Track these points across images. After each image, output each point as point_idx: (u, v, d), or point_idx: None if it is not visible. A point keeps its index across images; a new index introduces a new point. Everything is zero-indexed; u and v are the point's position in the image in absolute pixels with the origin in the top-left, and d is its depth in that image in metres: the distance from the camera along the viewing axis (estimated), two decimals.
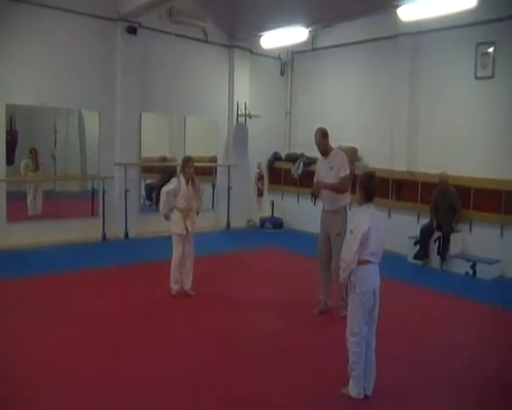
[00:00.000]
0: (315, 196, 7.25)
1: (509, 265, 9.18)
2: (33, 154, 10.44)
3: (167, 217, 7.31)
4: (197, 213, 7.56)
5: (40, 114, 10.53)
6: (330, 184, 6.66)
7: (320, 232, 7.05)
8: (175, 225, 7.30)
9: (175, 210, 7.30)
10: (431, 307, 7.53)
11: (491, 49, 9.73)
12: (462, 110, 10.21)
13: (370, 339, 4.70)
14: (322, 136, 6.77)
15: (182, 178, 7.31)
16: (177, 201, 7.29)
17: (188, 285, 7.42)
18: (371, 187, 4.77)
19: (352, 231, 4.66)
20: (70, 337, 5.80)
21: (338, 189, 6.64)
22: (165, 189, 7.33)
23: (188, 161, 7.40)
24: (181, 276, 7.39)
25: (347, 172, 6.65)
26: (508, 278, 9.15)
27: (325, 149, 6.81)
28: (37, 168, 10.51)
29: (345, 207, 6.78)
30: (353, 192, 7.13)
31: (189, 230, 7.33)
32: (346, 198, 6.80)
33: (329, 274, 6.77)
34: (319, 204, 7.29)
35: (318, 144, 6.81)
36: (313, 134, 6.80)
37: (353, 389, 4.65)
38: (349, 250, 4.61)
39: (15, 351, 5.38)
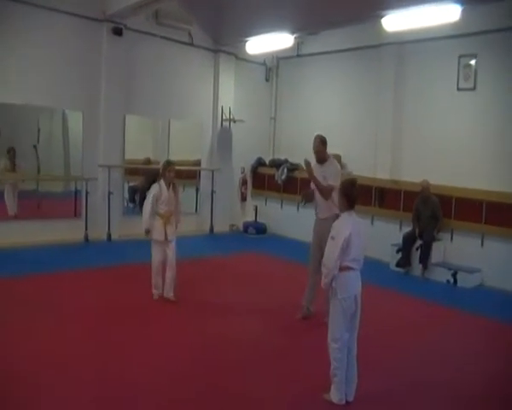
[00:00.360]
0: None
1: (489, 274, 9.29)
2: (11, 154, 10.32)
3: (148, 231, 7.16)
4: (176, 225, 7.40)
5: (23, 113, 10.42)
6: (318, 181, 6.62)
7: (313, 239, 6.94)
8: (154, 231, 7.20)
9: (156, 216, 7.19)
10: (412, 314, 7.60)
11: (473, 62, 9.87)
12: (445, 120, 10.34)
13: (352, 345, 4.73)
14: (321, 143, 6.82)
15: (162, 183, 7.21)
16: (158, 206, 7.18)
17: (170, 294, 7.28)
18: (353, 194, 4.83)
19: (333, 238, 4.69)
20: (51, 338, 5.77)
21: (321, 190, 6.62)
22: (148, 200, 7.17)
23: (168, 165, 7.31)
24: (162, 281, 7.31)
25: (337, 183, 6.30)
26: (487, 286, 9.26)
27: (322, 157, 6.83)
28: (13, 169, 10.37)
29: (337, 215, 6.67)
30: None
31: (169, 236, 7.23)
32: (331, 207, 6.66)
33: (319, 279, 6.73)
34: (302, 211, 7.31)
35: (316, 151, 6.82)
36: (297, 140, 6.85)
37: (335, 395, 4.67)
38: (330, 256, 4.63)
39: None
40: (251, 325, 6.69)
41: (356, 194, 4.84)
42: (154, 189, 7.20)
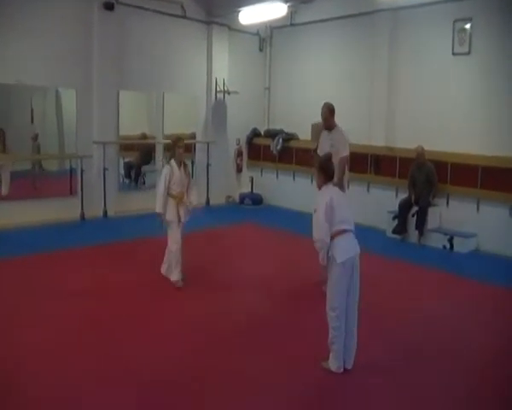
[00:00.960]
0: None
1: (485, 238, 9.37)
2: (0, 134, 10.19)
3: (160, 215, 6.77)
4: (191, 205, 6.99)
5: (16, 93, 10.36)
6: (338, 176, 6.57)
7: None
8: (168, 212, 6.81)
9: (168, 197, 6.79)
10: (409, 280, 7.69)
11: (467, 26, 9.79)
12: (441, 86, 10.30)
13: (351, 312, 4.78)
14: (329, 111, 7.14)
15: (173, 162, 6.82)
16: (170, 187, 6.77)
17: (174, 277, 6.93)
18: (330, 168, 4.96)
19: (315, 210, 4.73)
20: (54, 319, 5.79)
21: (340, 170, 6.85)
22: (161, 181, 6.76)
23: (178, 141, 6.88)
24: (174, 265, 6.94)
25: (347, 152, 7.04)
26: (483, 251, 9.34)
27: (330, 125, 7.19)
28: (3, 150, 10.25)
29: (347, 182, 7.23)
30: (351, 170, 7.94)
31: (182, 217, 6.91)
32: (347, 175, 7.23)
33: None
34: (298, 180, 7.37)
35: (324, 119, 7.19)
36: (292, 109, 6.91)
37: (333, 363, 4.75)
38: (317, 226, 4.65)
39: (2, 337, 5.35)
40: (250, 296, 6.75)
41: (332, 168, 5.00)
42: (166, 169, 6.82)
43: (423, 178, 9.79)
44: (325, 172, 4.88)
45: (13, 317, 5.82)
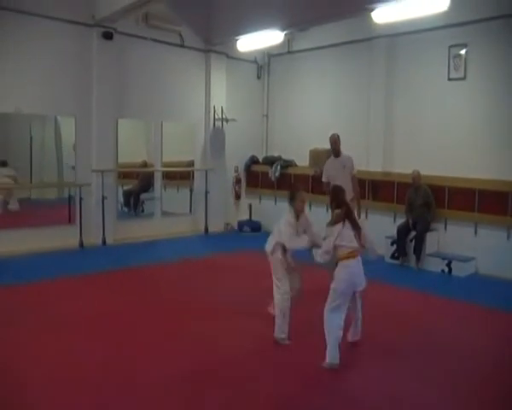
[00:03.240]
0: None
1: (483, 262, 9.35)
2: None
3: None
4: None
5: (15, 121, 10.42)
6: (357, 199, 8.37)
7: None
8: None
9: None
10: (408, 305, 7.63)
11: (463, 51, 9.91)
12: (437, 111, 10.38)
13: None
14: (339, 140, 8.40)
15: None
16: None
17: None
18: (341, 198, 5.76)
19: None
20: (52, 346, 5.74)
21: (356, 188, 8.33)
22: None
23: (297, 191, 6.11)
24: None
25: (356, 170, 8.45)
26: (481, 274, 9.31)
27: (339, 151, 8.43)
28: None
29: (351, 199, 7.77)
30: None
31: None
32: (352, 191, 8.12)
33: None
34: None
35: (335, 145, 8.38)
36: (290, 136, 7.23)
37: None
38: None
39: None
40: (250, 322, 6.69)
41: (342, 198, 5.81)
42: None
43: (420, 200, 9.81)
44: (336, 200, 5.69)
45: (14, 343, 5.76)
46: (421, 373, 5.24)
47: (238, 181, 13.89)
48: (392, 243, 10.10)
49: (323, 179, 8.54)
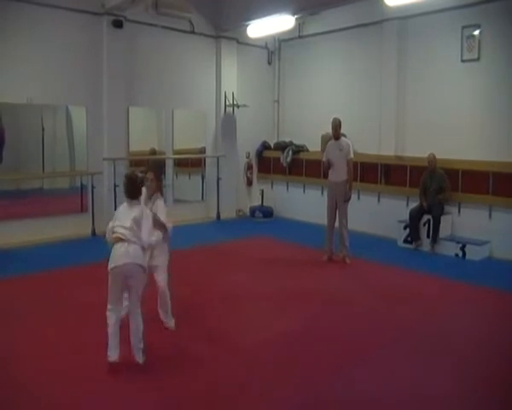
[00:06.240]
0: (326, 170, 9.07)
1: (497, 245, 9.27)
2: None
3: None
4: None
5: (27, 112, 10.44)
6: (350, 180, 8.80)
7: (328, 199, 9.01)
8: None
9: None
10: (422, 289, 7.58)
11: (476, 32, 9.76)
12: (449, 93, 10.27)
13: None
14: (340, 124, 8.81)
15: None
16: None
17: None
18: None
19: None
20: (67, 335, 5.77)
21: (350, 171, 8.80)
22: None
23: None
24: None
25: (352, 155, 8.82)
26: (496, 258, 9.24)
27: (339, 134, 8.86)
28: None
29: (346, 179, 8.75)
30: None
31: None
32: (346, 173, 8.77)
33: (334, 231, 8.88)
34: (308, 192, 7.57)
35: (335, 130, 8.79)
36: (301, 121, 7.28)
37: None
38: None
39: (15, 353, 5.31)
40: (263, 309, 6.72)
41: None
42: None
43: (435, 185, 9.72)
44: None
45: (26, 334, 5.79)
46: (435, 360, 5.21)
47: (250, 167, 13.85)
48: (404, 228, 10.03)
49: (323, 159, 9.04)
